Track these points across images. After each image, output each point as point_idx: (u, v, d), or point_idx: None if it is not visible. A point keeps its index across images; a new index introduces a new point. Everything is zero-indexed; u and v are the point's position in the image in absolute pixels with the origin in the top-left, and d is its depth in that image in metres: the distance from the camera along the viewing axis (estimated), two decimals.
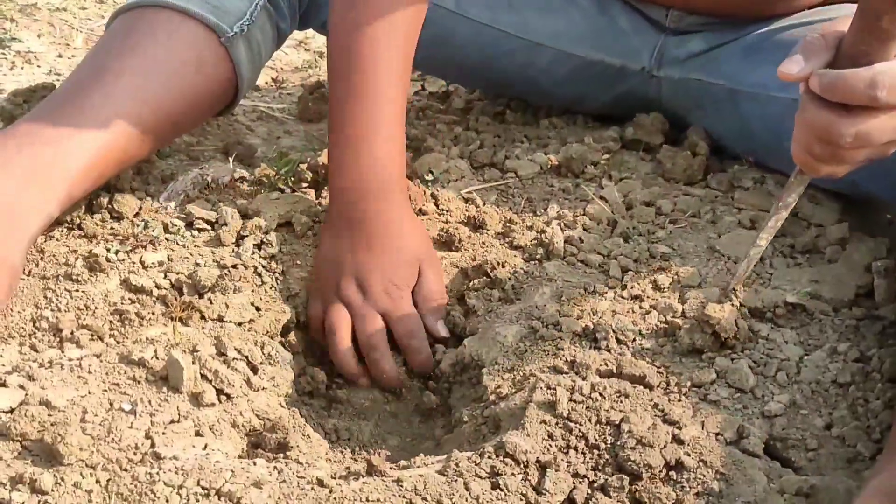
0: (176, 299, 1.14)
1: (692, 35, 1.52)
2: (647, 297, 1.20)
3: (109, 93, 1.20)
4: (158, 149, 1.36)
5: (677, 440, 0.97)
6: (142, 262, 1.19)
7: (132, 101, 1.21)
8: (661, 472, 0.94)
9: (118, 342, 1.08)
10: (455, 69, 1.61)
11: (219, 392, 1.01)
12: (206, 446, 0.94)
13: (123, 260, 1.19)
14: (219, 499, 0.87)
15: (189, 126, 1.35)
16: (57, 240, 1.21)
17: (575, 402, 1.00)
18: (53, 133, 1.16)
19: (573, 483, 0.93)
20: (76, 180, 1.17)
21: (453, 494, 0.90)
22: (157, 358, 1.03)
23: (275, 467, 0.92)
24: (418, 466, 0.96)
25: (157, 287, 1.16)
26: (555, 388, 1.01)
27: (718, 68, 1.48)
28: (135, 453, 0.91)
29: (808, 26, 1.40)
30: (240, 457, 0.98)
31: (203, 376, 1.01)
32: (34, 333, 1.08)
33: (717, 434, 0.99)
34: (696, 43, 1.52)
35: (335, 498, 0.88)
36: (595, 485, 0.94)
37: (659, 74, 1.54)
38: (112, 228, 1.24)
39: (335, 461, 1.04)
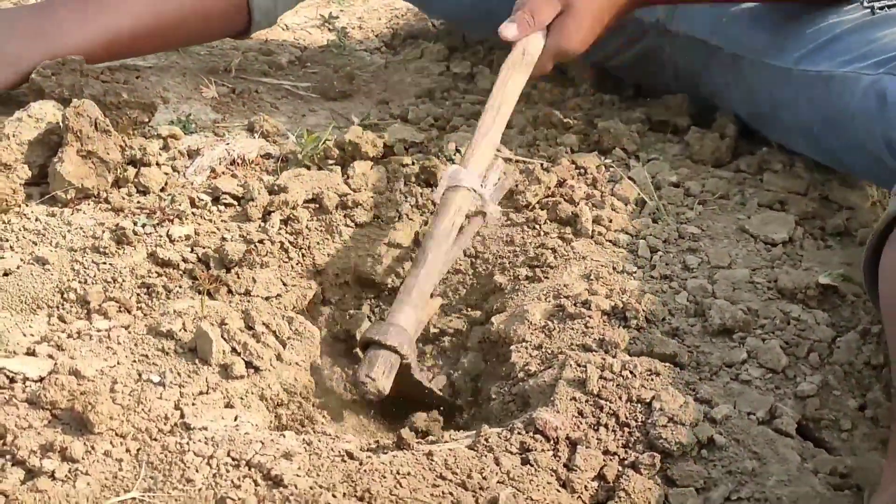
0: (203, 273, 1.14)
1: None
2: (677, 277, 1.19)
3: None
4: (162, 50, 1.60)
5: (709, 419, 0.96)
6: (168, 236, 1.19)
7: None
8: (692, 450, 0.93)
9: (145, 314, 1.08)
10: (482, 17, 1.64)
11: (247, 364, 1.00)
12: (235, 418, 0.94)
13: (150, 233, 1.19)
14: (249, 469, 0.86)
15: (196, 35, 1.55)
16: (84, 213, 1.21)
17: (605, 379, 0.99)
18: (56, 11, 1.39)
19: (604, 460, 0.93)
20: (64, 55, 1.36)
21: (483, 469, 0.89)
22: (185, 330, 1.03)
23: (304, 439, 0.92)
24: (447, 441, 0.95)
25: (184, 261, 1.16)
26: (585, 366, 1.01)
27: (724, 30, 1.49)
28: (164, 423, 0.91)
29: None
30: (268, 429, 0.97)
31: (232, 349, 1.00)
32: (62, 305, 1.08)
33: (749, 413, 0.98)
34: None
35: (365, 470, 0.87)
36: (626, 462, 0.93)
37: (670, 28, 1.55)
38: (139, 202, 1.24)
39: (362, 435, 1.04)
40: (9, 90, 1.38)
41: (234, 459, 0.87)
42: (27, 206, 1.21)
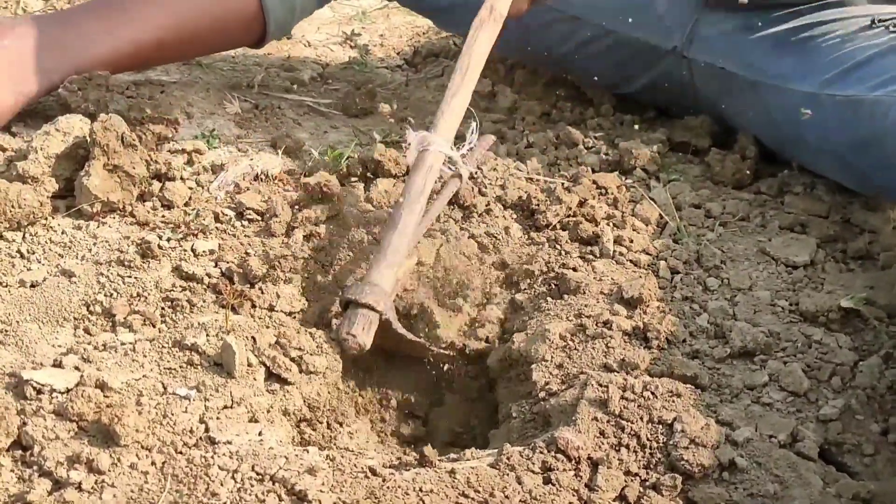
0: (227, 287, 1.15)
1: (726, 16, 1.53)
2: (698, 299, 1.19)
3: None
4: (182, 59, 1.64)
5: (731, 441, 0.96)
6: (193, 251, 1.20)
7: (159, 9, 1.45)
8: (714, 472, 0.93)
9: (169, 328, 1.09)
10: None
11: (271, 379, 1.01)
12: (260, 432, 0.94)
13: (175, 247, 1.20)
14: (273, 484, 0.87)
15: (215, 45, 1.58)
16: (109, 226, 1.22)
17: (627, 399, 0.99)
18: (82, 22, 1.42)
19: (625, 481, 0.93)
20: (90, 65, 1.39)
21: (506, 488, 0.90)
22: (209, 344, 1.03)
23: (327, 455, 0.92)
24: (469, 459, 0.96)
25: (208, 275, 1.17)
26: (607, 386, 1.01)
27: (743, 57, 1.50)
28: (190, 437, 0.92)
29: (837, 21, 1.40)
30: (292, 444, 0.98)
31: (256, 363, 1.01)
32: (88, 317, 1.09)
33: (770, 436, 0.98)
34: (728, 23, 1.53)
35: (388, 487, 0.88)
36: (647, 483, 0.93)
37: (689, 55, 1.56)
38: (164, 216, 1.25)
39: (384, 452, 1.04)
40: (37, 100, 1.40)
41: (258, 474, 0.88)
42: (54, 218, 1.22)
